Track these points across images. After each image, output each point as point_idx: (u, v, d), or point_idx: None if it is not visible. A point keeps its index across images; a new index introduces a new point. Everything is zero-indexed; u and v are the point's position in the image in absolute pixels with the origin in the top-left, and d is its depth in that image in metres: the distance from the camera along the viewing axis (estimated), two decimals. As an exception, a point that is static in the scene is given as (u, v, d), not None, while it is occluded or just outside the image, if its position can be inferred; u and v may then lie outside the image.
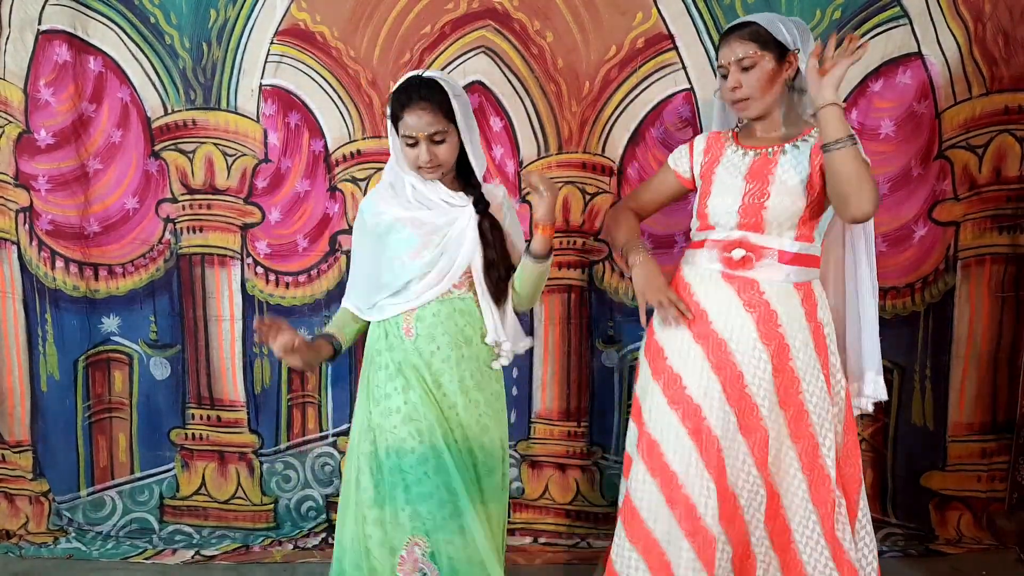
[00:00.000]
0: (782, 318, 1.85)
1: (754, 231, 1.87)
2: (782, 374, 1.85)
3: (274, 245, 2.73)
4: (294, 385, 2.81)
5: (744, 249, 1.87)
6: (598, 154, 2.67)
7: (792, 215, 1.84)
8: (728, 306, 1.87)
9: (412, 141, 1.81)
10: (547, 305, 2.75)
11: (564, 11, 2.60)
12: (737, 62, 1.82)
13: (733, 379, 1.85)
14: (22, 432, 2.80)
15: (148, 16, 2.62)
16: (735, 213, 1.88)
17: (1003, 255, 2.64)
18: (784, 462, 1.88)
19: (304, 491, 2.83)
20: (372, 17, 2.61)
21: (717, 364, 1.86)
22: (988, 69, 2.53)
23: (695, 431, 1.85)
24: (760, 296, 1.86)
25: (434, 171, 1.85)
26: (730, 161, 1.94)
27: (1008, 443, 2.71)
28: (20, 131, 2.64)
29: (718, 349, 1.86)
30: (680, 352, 1.90)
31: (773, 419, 1.86)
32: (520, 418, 2.79)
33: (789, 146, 1.87)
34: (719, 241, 1.91)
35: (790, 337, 1.85)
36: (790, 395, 1.86)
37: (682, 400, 1.87)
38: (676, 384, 1.89)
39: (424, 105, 1.79)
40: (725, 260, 1.89)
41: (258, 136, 2.68)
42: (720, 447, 1.83)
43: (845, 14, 2.54)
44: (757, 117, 1.89)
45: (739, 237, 1.88)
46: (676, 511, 1.84)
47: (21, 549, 2.71)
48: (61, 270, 2.71)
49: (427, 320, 1.87)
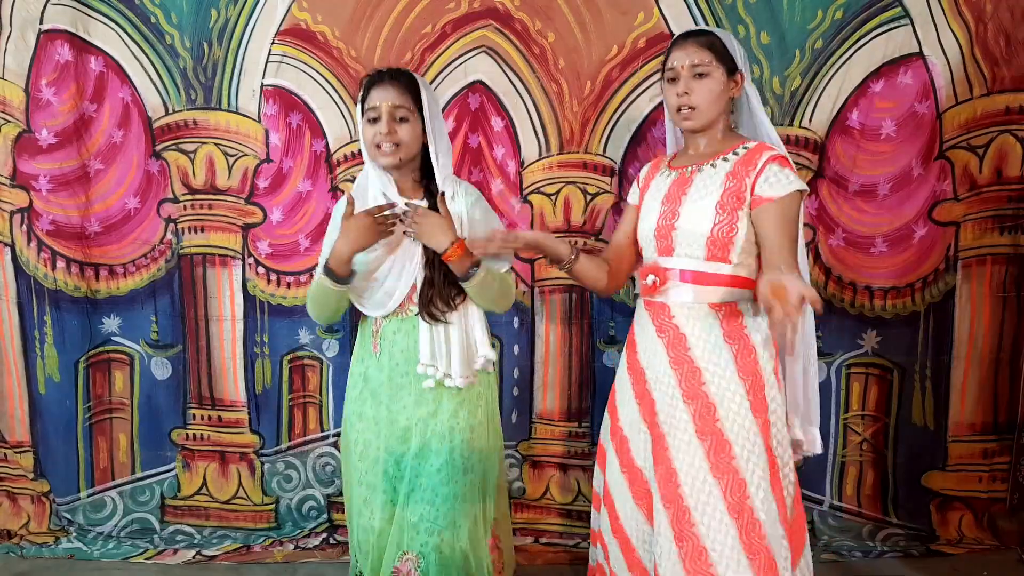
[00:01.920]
0: (690, 340, 1.73)
1: (665, 254, 1.79)
2: (695, 400, 1.69)
3: (275, 245, 2.73)
4: (295, 385, 2.81)
5: (654, 274, 1.79)
6: (599, 154, 2.67)
7: (699, 235, 1.72)
8: (645, 334, 1.82)
9: (374, 115, 1.81)
10: (548, 305, 2.75)
11: (565, 11, 2.60)
12: (692, 67, 1.74)
13: (647, 408, 1.78)
14: (22, 433, 2.80)
15: (149, 16, 2.62)
16: (652, 237, 1.82)
17: (1004, 255, 2.64)
18: (709, 504, 1.63)
19: (305, 491, 2.83)
20: (373, 17, 2.61)
21: (638, 394, 1.82)
22: (989, 69, 2.53)
23: (625, 465, 1.82)
24: (670, 320, 1.76)
25: (392, 154, 1.81)
26: (656, 185, 1.87)
27: (1009, 443, 2.71)
28: (20, 131, 2.64)
29: (639, 379, 1.82)
30: (619, 383, 1.90)
31: (688, 451, 1.67)
32: (521, 418, 2.79)
33: (707, 165, 1.77)
34: (642, 268, 1.85)
35: (702, 360, 1.71)
36: (706, 423, 1.67)
37: (616, 433, 1.87)
38: (615, 419, 1.89)
39: (391, 83, 1.81)
40: (642, 287, 1.83)
41: (259, 136, 2.68)
42: (646, 479, 1.76)
43: (847, 14, 2.54)
44: (698, 130, 1.80)
45: (652, 262, 1.82)
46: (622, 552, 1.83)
47: (22, 549, 2.71)
48: (62, 270, 2.71)
49: (388, 337, 1.89)
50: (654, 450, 1.73)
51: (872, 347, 2.72)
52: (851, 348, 2.72)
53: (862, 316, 2.70)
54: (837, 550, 2.67)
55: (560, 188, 2.69)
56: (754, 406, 1.68)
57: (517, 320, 2.74)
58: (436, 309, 1.84)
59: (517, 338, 2.76)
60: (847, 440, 2.76)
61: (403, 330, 1.88)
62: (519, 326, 2.75)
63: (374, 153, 1.84)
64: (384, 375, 1.89)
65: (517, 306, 2.73)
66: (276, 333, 2.77)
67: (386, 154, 1.82)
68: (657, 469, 1.71)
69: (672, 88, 1.78)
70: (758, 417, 1.68)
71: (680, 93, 1.76)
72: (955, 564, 2.59)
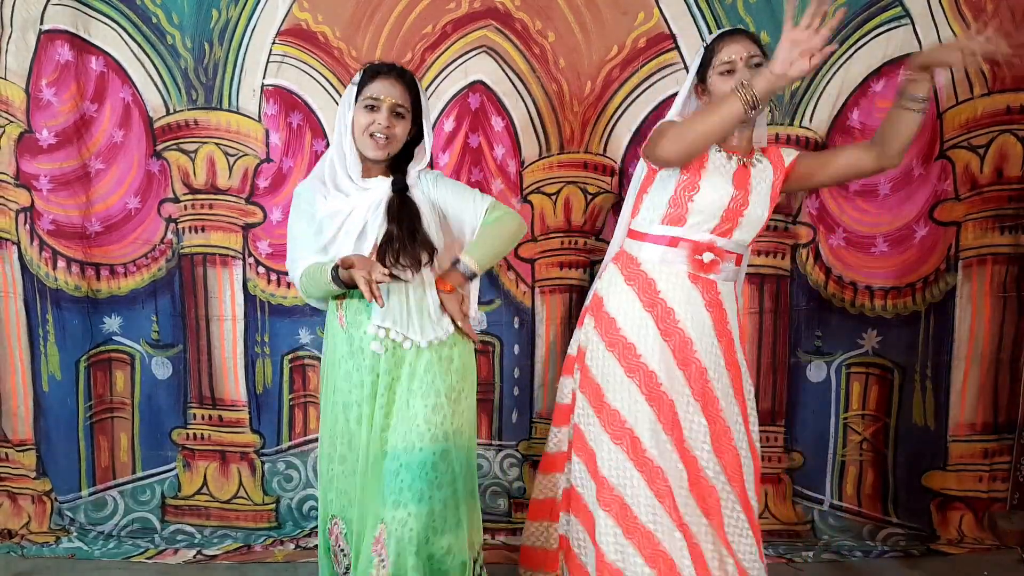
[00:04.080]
0: (728, 315, 2.01)
1: (723, 235, 1.97)
2: (732, 367, 2.01)
3: (276, 245, 2.73)
4: (295, 385, 2.82)
5: (712, 253, 1.97)
6: (600, 154, 2.67)
7: (759, 224, 2.01)
8: (692, 305, 1.97)
9: (375, 104, 1.83)
10: (548, 305, 2.75)
11: (566, 11, 2.60)
12: (749, 57, 1.89)
13: (696, 375, 1.96)
14: (25, 432, 2.80)
15: (150, 16, 2.62)
16: (718, 216, 1.95)
17: (1004, 255, 2.64)
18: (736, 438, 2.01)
19: (306, 491, 2.84)
20: (374, 17, 2.62)
21: (681, 360, 1.96)
22: (990, 69, 2.53)
23: (652, 397, 1.94)
24: (716, 296, 1.99)
25: (384, 147, 1.86)
26: (718, 162, 1.97)
27: (1009, 443, 2.71)
28: (21, 131, 2.64)
29: (683, 347, 1.96)
30: (648, 347, 1.97)
31: (728, 409, 1.99)
32: (521, 418, 2.79)
33: (755, 160, 2.01)
34: (689, 241, 1.97)
35: (735, 332, 2.02)
36: (737, 386, 2.01)
37: (637, 368, 1.97)
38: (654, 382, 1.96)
39: (398, 79, 1.86)
40: (695, 263, 1.97)
41: (260, 136, 2.69)
42: (677, 413, 1.96)
43: (846, 15, 2.53)
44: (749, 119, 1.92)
45: (708, 240, 1.97)
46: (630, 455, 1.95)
47: (23, 548, 2.71)
48: (63, 270, 2.72)
49: (354, 307, 1.88)
50: (706, 412, 1.97)
51: (872, 347, 2.72)
52: (851, 348, 2.73)
53: (862, 316, 2.70)
54: (837, 550, 2.68)
55: (560, 188, 2.69)
56: (748, 365, 2.12)
57: (517, 320, 2.75)
58: (396, 266, 1.81)
59: (517, 338, 2.76)
60: (847, 440, 2.76)
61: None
62: (519, 326, 2.75)
63: (364, 142, 1.86)
64: (353, 346, 1.88)
65: (517, 306, 2.74)
66: (277, 333, 2.78)
67: (379, 147, 1.85)
68: (713, 429, 1.97)
69: (730, 79, 1.89)
70: (751, 376, 2.11)
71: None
72: (955, 564, 2.59)
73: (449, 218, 1.97)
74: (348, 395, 1.90)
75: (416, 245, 1.83)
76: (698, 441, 1.96)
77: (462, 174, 2.66)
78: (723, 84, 1.91)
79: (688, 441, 1.96)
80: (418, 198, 1.91)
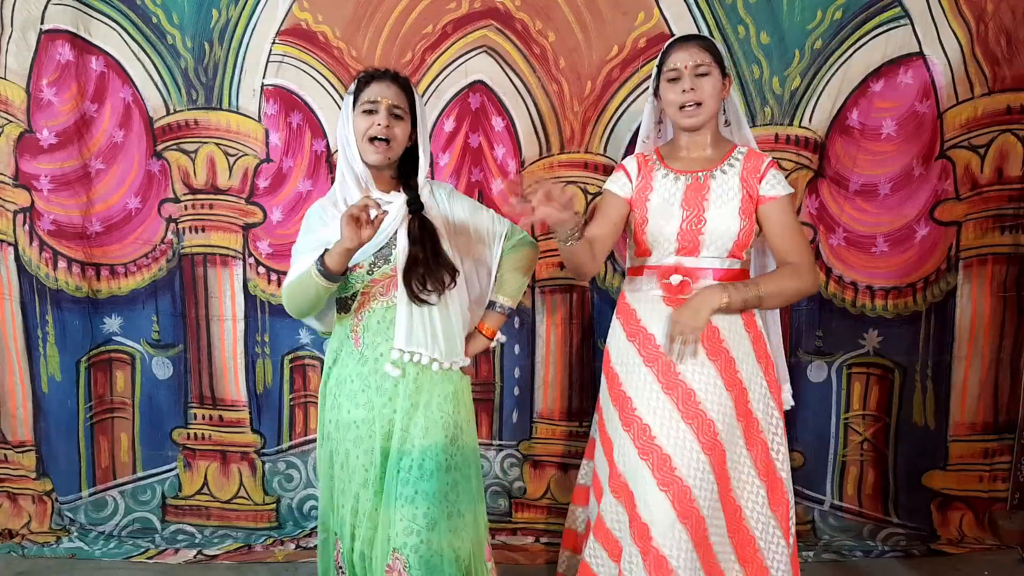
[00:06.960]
0: (723, 332, 1.88)
1: (689, 255, 1.91)
2: (733, 388, 1.87)
3: (276, 245, 2.73)
4: (296, 385, 2.82)
5: (680, 274, 1.90)
6: (600, 154, 2.67)
7: (727, 238, 1.88)
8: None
9: (372, 107, 1.82)
10: (549, 305, 2.75)
11: (566, 11, 2.60)
12: (695, 66, 1.86)
13: (684, 397, 1.84)
14: (24, 433, 2.80)
15: (150, 16, 2.62)
16: (673, 240, 1.91)
17: (1005, 255, 2.64)
18: (743, 472, 1.88)
19: (306, 491, 2.84)
20: (374, 17, 2.62)
21: (668, 385, 1.86)
22: (990, 69, 2.53)
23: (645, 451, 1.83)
24: (715, 334, 1.87)
25: (384, 151, 1.82)
26: (663, 187, 1.94)
27: (1010, 443, 2.71)
28: (21, 131, 2.64)
29: (667, 370, 1.86)
30: (633, 378, 1.90)
31: (729, 433, 1.85)
32: (522, 418, 2.79)
33: (717, 170, 1.91)
34: (656, 267, 1.94)
35: (734, 350, 1.88)
36: (741, 407, 1.87)
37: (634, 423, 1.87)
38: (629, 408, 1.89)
39: (392, 81, 1.85)
40: (665, 286, 1.92)
41: (260, 136, 2.69)
42: (674, 467, 1.81)
43: (846, 14, 2.54)
44: (699, 127, 1.90)
45: (675, 263, 1.91)
46: None
47: (24, 548, 2.71)
48: (63, 270, 2.72)
49: (372, 328, 1.84)
50: (700, 439, 1.82)
51: (873, 347, 2.72)
52: (852, 348, 2.73)
53: (863, 316, 2.70)
54: (838, 550, 2.67)
55: (560, 188, 2.69)
56: (771, 387, 1.93)
57: (517, 320, 2.75)
58: (424, 290, 1.79)
59: (517, 338, 2.76)
60: (848, 440, 2.76)
61: (388, 319, 1.83)
62: (519, 326, 2.75)
63: (365, 147, 1.84)
64: (368, 368, 1.83)
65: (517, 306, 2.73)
66: (277, 333, 2.78)
67: (379, 150, 1.82)
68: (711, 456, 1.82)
69: (675, 87, 1.89)
70: (774, 395, 1.93)
71: (686, 89, 1.86)
72: (955, 564, 2.59)
73: (460, 234, 1.94)
74: (354, 415, 1.85)
75: (440, 268, 1.83)
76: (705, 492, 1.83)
77: (462, 174, 2.67)
78: (669, 91, 1.89)
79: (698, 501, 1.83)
80: (433, 214, 1.88)
